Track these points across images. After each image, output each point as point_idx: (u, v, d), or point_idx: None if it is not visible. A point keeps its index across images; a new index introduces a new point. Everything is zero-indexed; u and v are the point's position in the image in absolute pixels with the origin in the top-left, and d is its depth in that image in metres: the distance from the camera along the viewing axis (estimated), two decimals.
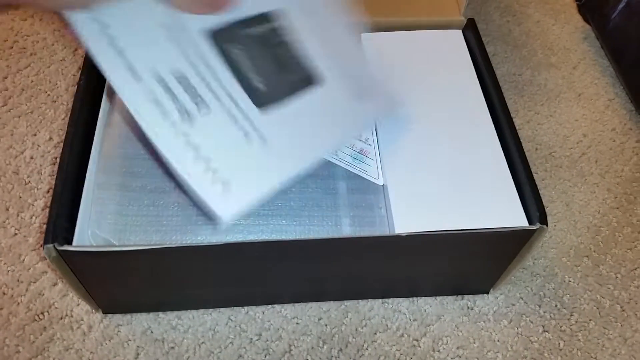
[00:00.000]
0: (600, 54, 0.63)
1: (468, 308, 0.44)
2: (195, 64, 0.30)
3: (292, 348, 0.42)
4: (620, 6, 0.55)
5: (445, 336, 0.43)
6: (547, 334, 0.44)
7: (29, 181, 0.48)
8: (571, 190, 0.52)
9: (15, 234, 0.45)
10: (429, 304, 0.44)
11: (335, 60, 0.35)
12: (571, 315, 0.45)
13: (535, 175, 0.52)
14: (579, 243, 0.49)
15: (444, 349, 0.42)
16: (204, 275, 0.38)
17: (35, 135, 0.51)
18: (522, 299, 0.45)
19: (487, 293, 0.45)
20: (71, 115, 0.38)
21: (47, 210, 0.46)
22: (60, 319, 0.42)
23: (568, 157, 0.54)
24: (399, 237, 0.35)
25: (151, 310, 0.42)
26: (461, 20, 0.47)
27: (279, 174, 0.32)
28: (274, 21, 0.33)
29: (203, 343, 0.41)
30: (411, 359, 0.42)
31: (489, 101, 0.42)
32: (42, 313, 0.42)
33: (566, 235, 0.49)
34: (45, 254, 0.32)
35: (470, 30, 0.47)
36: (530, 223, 0.36)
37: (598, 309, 0.45)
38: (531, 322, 0.44)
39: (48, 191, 0.48)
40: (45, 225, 0.46)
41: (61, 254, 0.32)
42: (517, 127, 0.55)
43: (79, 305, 0.42)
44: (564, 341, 0.43)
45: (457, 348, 0.42)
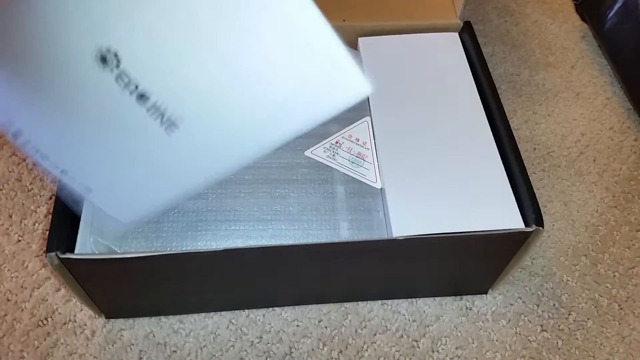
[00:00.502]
0: (598, 53, 0.63)
1: (467, 308, 0.45)
2: None
3: (293, 350, 0.42)
4: (617, 5, 0.55)
5: (444, 336, 0.43)
6: (546, 333, 0.44)
7: (32, 188, 0.49)
8: (569, 189, 0.52)
9: (19, 241, 0.46)
10: (428, 305, 0.45)
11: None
12: (569, 314, 0.45)
13: (533, 175, 0.53)
14: (577, 242, 0.49)
15: (443, 349, 0.43)
16: (204, 280, 0.38)
17: None
18: (521, 298, 0.45)
19: (486, 293, 0.46)
20: None
21: (50, 217, 0.47)
22: (64, 324, 0.42)
23: (566, 157, 0.54)
24: (396, 241, 0.36)
25: (153, 314, 0.43)
26: (458, 23, 0.48)
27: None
28: None
29: (205, 346, 0.42)
30: (410, 359, 0.42)
31: (486, 104, 0.43)
32: (46, 318, 0.42)
33: (564, 235, 0.49)
34: (47, 262, 0.33)
35: (467, 33, 0.47)
36: (527, 225, 0.36)
37: (596, 307, 0.45)
38: (529, 322, 0.44)
39: (50, 198, 0.48)
40: (47, 232, 0.46)
41: (63, 261, 0.33)
42: (515, 127, 0.56)
43: (82, 310, 0.43)
44: (562, 340, 0.44)
45: (456, 348, 0.43)
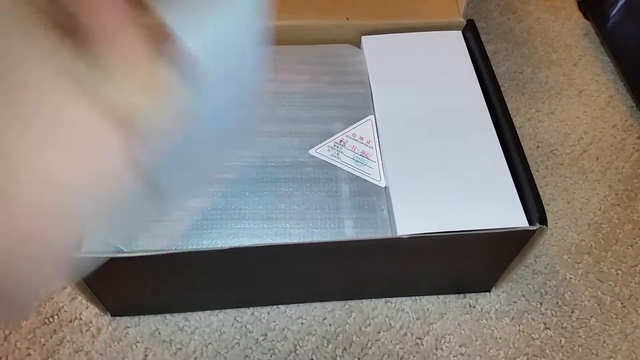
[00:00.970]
0: (600, 51, 0.63)
1: (470, 306, 0.45)
2: None
3: (298, 348, 0.42)
4: (620, 3, 0.55)
5: (448, 334, 0.44)
6: (549, 331, 0.44)
7: None
8: (572, 187, 0.52)
9: None
10: (431, 303, 0.45)
11: None
12: (572, 312, 0.45)
13: (536, 173, 0.53)
14: (580, 240, 0.49)
15: (446, 346, 0.43)
16: (210, 278, 0.38)
17: None
18: (524, 296, 0.46)
19: (489, 291, 0.46)
20: None
21: None
22: (70, 321, 0.42)
23: (569, 155, 0.55)
24: (401, 240, 0.36)
25: (159, 312, 0.43)
26: (461, 22, 0.48)
27: None
28: None
29: (210, 344, 0.42)
30: (414, 357, 0.42)
31: (489, 102, 0.43)
32: (52, 316, 0.43)
33: (567, 233, 0.49)
34: None
35: (470, 31, 0.47)
36: (531, 223, 0.36)
37: (599, 305, 0.46)
38: (533, 320, 0.45)
39: None
40: None
41: None
42: (519, 126, 0.56)
43: (87, 308, 0.43)
44: (565, 338, 0.44)
45: (460, 346, 0.43)
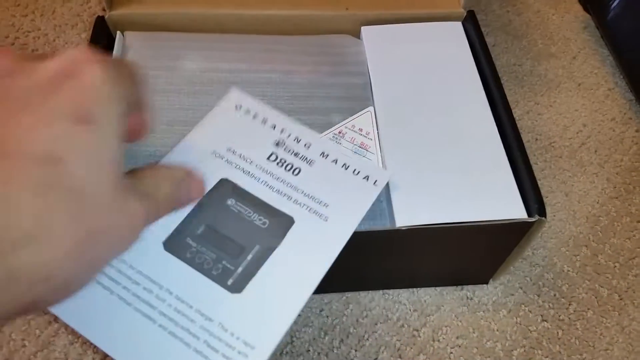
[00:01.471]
0: (600, 43, 0.63)
1: (467, 298, 0.45)
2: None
3: (294, 339, 0.42)
4: None
5: (445, 326, 0.43)
6: (546, 323, 0.44)
7: None
8: (570, 180, 0.52)
9: None
10: (429, 295, 0.45)
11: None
12: (569, 304, 0.45)
13: (535, 165, 0.53)
14: (578, 233, 0.49)
15: (443, 338, 0.43)
16: None
17: None
18: (521, 288, 0.46)
19: (487, 283, 0.46)
20: None
21: None
22: None
23: (568, 147, 0.54)
24: (399, 231, 0.36)
25: None
26: (461, 12, 0.47)
27: None
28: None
29: None
30: (411, 349, 0.42)
31: (489, 93, 0.43)
32: None
33: (565, 225, 0.49)
34: None
35: (470, 22, 0.47)
36: (529, 215, 0.36)
37: (596, 298, 0.46)
38: (530, 312, 0.45)
39: None
40: None
41: None
42: (517, 118, 0.56)
43: None
44: (563, 330, 0.44)
45: (457, 338, 0.43)
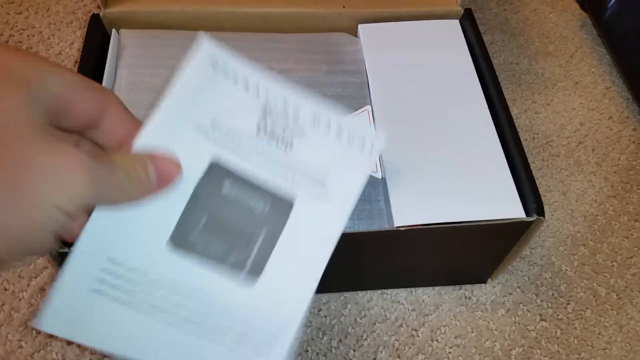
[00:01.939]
0: (597, 42, 0.63)
1: (466, 298, 0.45)
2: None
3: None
4: None
5: (444, 326, 0.43)
6: (544, 322, 0.44)
7: None
8: (568, 179, 0.52)
9: None
10: (427, 294, 0.45)
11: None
12: (568, 303, 0.45)
13: (532, 164, 0.52)
14: (576, 232, 0.49)
15: (442, 338, 0.43)
16: None
17: None
18: (520, 288, 0.46)
19: (485, 283, 0.46)
20: None
21: None
22: None
23: (565, 146, 0.54)
24: (397, 231, 0.35)
25: None
26: (458, 10, 0.47)
27: None
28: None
29: None
30: (410, 348, 0.42)
31: (487, 92, 0.42)
32: None
33: (563, 225, 0.49)
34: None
35: (468, 20, 0.46)
36: (528, 214, 0.36)
37: (594, 297, 0.46)
38: (528, 311, 0.44)
39: None
40: None
41: (62, 254, 0.32)
42: (515, 117, 0.56)
43: None
44: (561, 329, 0.44)
45: (455, 337, 0.43)
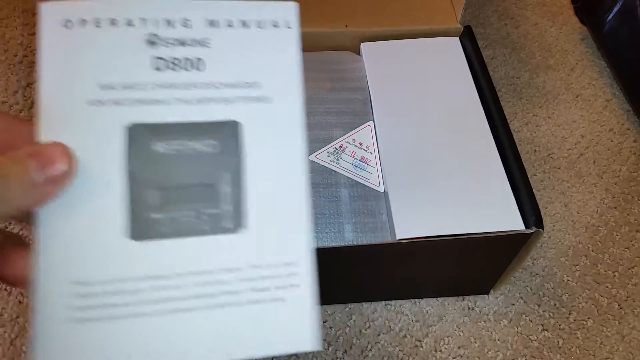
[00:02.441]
0: (597, 55, 0.64)
1: (469, 308, 0.46)
2: None
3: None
4: (616, 8, 0.56)
5: (447, 336, 0.44)
6: (547, 332, 0.45)
7: None
8: (569, 190, 0.53)
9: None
10: (430, 305, 0.46)
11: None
12: (570, 313, 0.46)
13: (534, 176, 0.53)
14: (578, 243, 0.50)
15: (445, 348, 0.44)
16: None
17: None
18: (522, 298, 0.46)
19: (488, 293, 0.46)
20: None
21: None
22: None
23: (566, 158, 0.55)
24: (400, 244, 0.36)
25: None
26: (458, 28, 0.48)
27: None
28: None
29: None
30: (414, 359, 0.43)
31: (486, 107, 0.43)
32: None
33: (565, 236, 0.50)
34: None
35: (468, 38, 0.48)
36: (527, 227, 0.37)
37: (596, 307, 0.46)
38: (531, 321, 0.45)
39: None
40: None
41: None
42: (516, 130, 0.57)
43: None
44: (563, 339, 0.44)
45: (459, 348, 0.44)
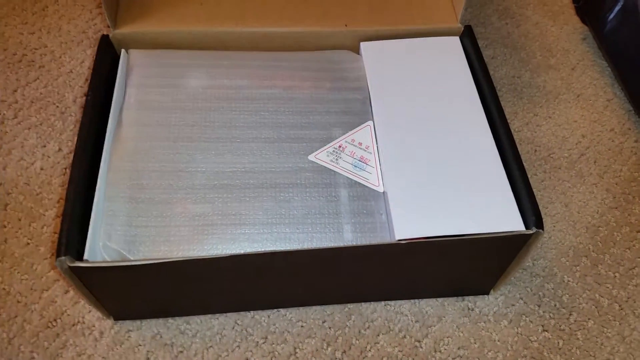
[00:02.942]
0: (598, 55, 0.63)
1: (469, 309, 0.45)
2: None
3: (297, 351, 0.43)
4: (617, 8, 0.55)
5: (447, 337, 0.44)
6: (547, 333, 0.44)
7: (40, 192, 0.50)
8: (570, 191, 0.53)
9: (28, 244, 0.47)
10: (430, 306, 0.45)
11: None
12: (570, 314, 0.46)
13: (534, 176, 0.53)
14: (578, 243, 0.49)
15: (445, 349, 0.43)
16: (210, 283, 0.39)
17: (44, 146, 0.53)
18: (522, 299, 0.46)
19: (488, 294, 0.46)
20: (79, 132, 0.39)
21: (58, 219, 0.48)
22: (73, 325, 0.43)
23: (567, 158, 0.55)
24: (399, 245, 0.36)
25: (160, 316, 0.43)
26: (458, 27, 0.48)
27: None
28: None
29: (211, 347, 0.42)
30: (413, 359, 0.43)
31: (486, 107, 0.43)
32: (55, 320, 0.43)
33: (565, 236, 0.50)
34: (57, 266, 0.33)
35: (468, 37, 0.47)
36: (527, 228, 0.37)
37: (597, 308, 0.46)
38: (531, 322, 0.45)
39: (58, 201, 0.49)
40: (56, 235, 0.47)
41: (72, 268, 0.34)
42: (517, 130, 0.56)
43: (90, 312, 0.43)
44: (563, 340, 0.44)
45: (458, 348, 0.43)
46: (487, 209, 0.38)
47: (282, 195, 0.39)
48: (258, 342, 0.43)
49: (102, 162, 0.39)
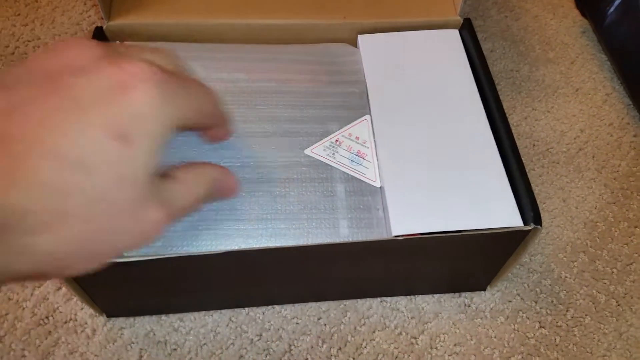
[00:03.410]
0: (598, 48, 0.63)
1: (465, 305, 0.45)
2: None
3: (292, 348, 0.42)
4: (617, 2, 0.55)
5: (443, 333, 0.44)
6: (544, 329, 0.44)
7: None
8: (568, 186, 0.52)
9: None
10: (426, 302, 0.45)
11: None
12: (567, 310, 0.45)
13: (532, 171, 0.53)
14: (576, 239, 0.49)
15: (441, 346, 0.43)
16: (204, 280, 0.38)
17: None
18: (519, 295, 0.46)
19: (484, 290, 0.46)
20: None
21: None
22: (65, 322, 0.42)
23: (565, 153, 0.55)
24: (396, 241, 0.36)
25: (154, 313, 0.43)
26: (457, 20, 0.47)
27: None
28: None
29: (205, 344, 0.42)
30: (409, 356, 0.42)
31: (485, 101, 0.43)
32: (47, 317, 0.43)
33: (563, 232, 0.50)
34: None
35: (467, 30, 0.47)
36: (525, 223, 0.36)
37: (594, 304, 0.46)
38: (527, 318, 0.45)
39: None
40: None
41: None
42: (515, 124, 0.56)
43: (82, 309, 0.43)
44: (560, 336, 0.44)
45: (455, 345, 0.43)
46: (485, 204, 0.37)
47: (278, 190, 0.39)
48: (253, 339, 0.43)
49: None
